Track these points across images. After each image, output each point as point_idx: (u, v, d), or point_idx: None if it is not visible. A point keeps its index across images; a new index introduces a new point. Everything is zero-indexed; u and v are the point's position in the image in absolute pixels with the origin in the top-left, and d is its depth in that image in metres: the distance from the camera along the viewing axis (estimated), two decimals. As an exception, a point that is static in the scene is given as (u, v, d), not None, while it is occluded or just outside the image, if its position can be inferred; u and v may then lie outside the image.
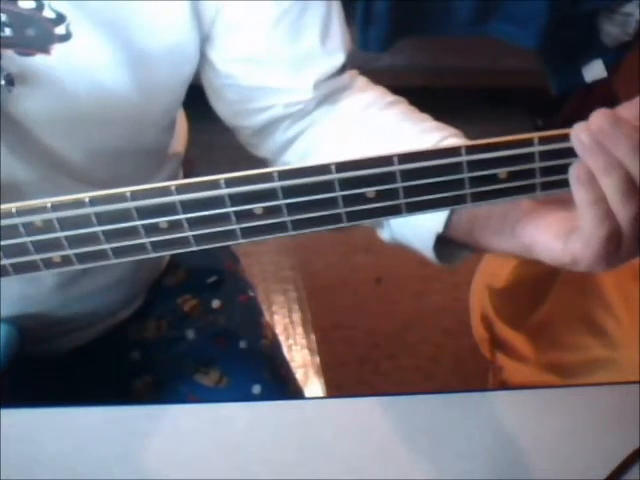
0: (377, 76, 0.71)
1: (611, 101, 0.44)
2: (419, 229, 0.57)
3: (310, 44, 0.63)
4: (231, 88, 0.65)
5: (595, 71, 1.71)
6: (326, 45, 0.64)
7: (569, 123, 0.42)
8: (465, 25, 1.76)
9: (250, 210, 0.43)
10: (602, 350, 1.11)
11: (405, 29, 1.76)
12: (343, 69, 0.66)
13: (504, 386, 1.21)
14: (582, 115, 0.42)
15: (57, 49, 0.55)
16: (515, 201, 0.44)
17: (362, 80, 0.70)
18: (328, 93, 0.66)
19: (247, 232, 0.44)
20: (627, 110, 0.43)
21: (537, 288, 1.29)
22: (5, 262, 0.46)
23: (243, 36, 0.62)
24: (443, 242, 0.57)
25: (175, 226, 0.44)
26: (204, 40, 0.62)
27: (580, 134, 0.42)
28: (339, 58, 0.65)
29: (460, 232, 0.56)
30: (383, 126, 0.63)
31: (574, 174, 0.43)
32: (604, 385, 0.73)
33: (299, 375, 0.99)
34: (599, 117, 0.42)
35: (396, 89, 0.68)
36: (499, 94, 2.10)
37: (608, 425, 0.67)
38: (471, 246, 0.57)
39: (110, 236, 0.44)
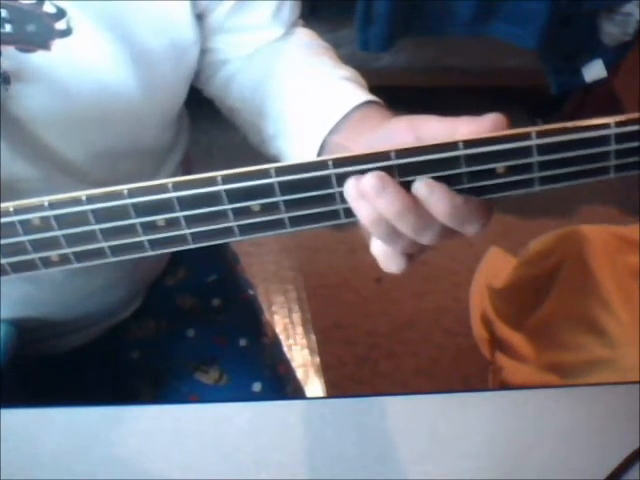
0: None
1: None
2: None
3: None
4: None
5: (595, 71, 1.71)
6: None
7: (569, 123, 0.42)
8: (465, 25, 1.76)
9: (247, 207, 0.43)
10: (602, 350, 1.11)
11: (405, 29, 1.76)
12: None
13: (504, 386, 1.21)
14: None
15: (57, 45, 0.55)
16: (513, 196, 0.44)
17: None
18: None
19: (245, 229, 0.44)
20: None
21: (537, 288, 1.29)
22: (3, 261, 0.46)
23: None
24: None
25: (172, 224, 0.43)
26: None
27: (349, 188, 0.42)
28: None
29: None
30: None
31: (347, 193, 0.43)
32: (604, 385, 0.73)
33: (299, 375, 1.00)
34: (369, 180, 0.41)
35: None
36: (499, 94, 2.10)
37: (608, 425, 0.67)
38: None
39: (107, 234, 0.44)
